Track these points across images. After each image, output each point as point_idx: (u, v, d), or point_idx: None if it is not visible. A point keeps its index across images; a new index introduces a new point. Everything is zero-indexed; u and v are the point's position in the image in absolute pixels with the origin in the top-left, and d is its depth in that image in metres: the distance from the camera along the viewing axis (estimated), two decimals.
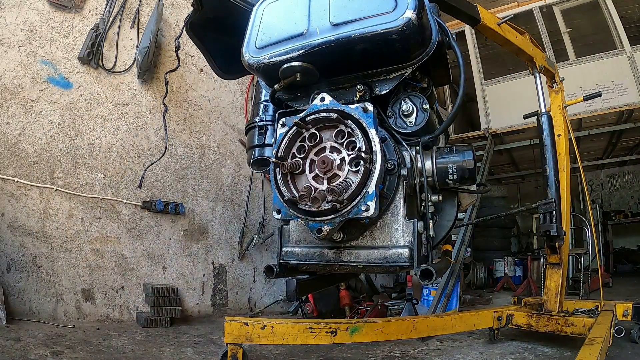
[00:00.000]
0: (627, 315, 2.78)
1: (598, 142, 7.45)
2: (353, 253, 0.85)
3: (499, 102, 6.49)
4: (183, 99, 4.39)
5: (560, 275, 2.72)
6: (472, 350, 2.79)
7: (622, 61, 5.83)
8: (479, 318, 2.80)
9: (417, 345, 2.92)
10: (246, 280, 4.69)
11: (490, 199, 8.17)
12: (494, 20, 2.18)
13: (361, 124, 0.77)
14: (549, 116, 2.64)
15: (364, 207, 0.73)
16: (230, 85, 4.83)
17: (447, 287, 3.96)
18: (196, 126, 4.49)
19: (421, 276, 0.78)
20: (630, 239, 9.13)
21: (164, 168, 4.09)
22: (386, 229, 0.83)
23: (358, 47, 0.80)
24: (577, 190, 7.44)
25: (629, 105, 5.69)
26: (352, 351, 2.76)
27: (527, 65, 2.79)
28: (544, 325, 2.59)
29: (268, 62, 0.87)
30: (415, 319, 2.61)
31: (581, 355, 1.72)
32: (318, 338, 2.24)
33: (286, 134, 0.81)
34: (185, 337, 3.13)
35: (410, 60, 0.84)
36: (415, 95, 0.91)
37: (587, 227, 5.60)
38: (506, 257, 7.19)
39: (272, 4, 0.93)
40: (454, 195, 1.01)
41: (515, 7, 6.48)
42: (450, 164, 0.86)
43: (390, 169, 0.81)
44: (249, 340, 2.16)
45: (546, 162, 2.54)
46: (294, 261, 0.90)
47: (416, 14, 0.76)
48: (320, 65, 0.85)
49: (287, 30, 0.87)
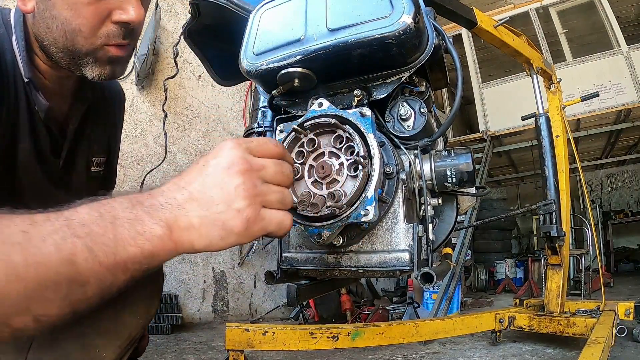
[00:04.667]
0: (629, 315, 2.78)
1: (597, 142, 7.47)
2: (353, 258, 0.85)
3: (497, 104, 6.50)
4: (182, 106, 4.40)
5: (561, 276, 2.72)
6: (474, 352, 2.78)
7: (619, 61, 5.86)
8: (480, 320, 2.79)
9: (419, 349, 2.92)
10: (247, 286, 4.68)
11: (490, 201, 8.17)
12: (490, 23, 2.19)
13: (359, 128, 0.77)
14: (547, 117, 2.65)
15: (363, 212, 0.73)
16: (229, 92, 4.84)
17: (448, 290, 3.95)
18: (195, 132, 4.49)
19: (422, 280, 0.78)
20: (630, 238, 9.13)
21: (162, 175, 4.09)
22: (386, 233, 0.83)
23: (355, 52, 0.80)
24: (577, 190, 7.45)
25: (627, 104, 5.71)
26: (354, 356, 2.76)
27: (524, 67, 2.80)
28: (546, 326, 2.59)
29: (266, 69, 0.87)
30: (416, 323, 2.60)
31: (584, 355, 1.72)
32: (320, 343, 2.23)
33: (284, 139, 0.81)
34: (187, 344, 3.12)
35: (408, 64, 0.84)
36: (413, 99, 0.91)
37: (588, 227, 5.61)
38: (507, 259, 7.18)
39: (269, 10, 0.94)
40: (453, 198, 1.01)
41: (512, 9, 6.51)
42: (449, 167, 0.87)
43: (389, 173, 0.81)
44: (250, 346, 2.15)
45: (545, 163, 2.54)
46: (295, 267, 0.90)
47: (413, 18, 0.76)
48: (318, 71, 0.85)
49: (284, 36, 0.87)
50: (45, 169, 0.97)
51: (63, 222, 0.49)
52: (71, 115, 1.00)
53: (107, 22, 0.83)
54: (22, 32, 0.87)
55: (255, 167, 0.57)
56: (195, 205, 0.54)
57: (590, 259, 5.40)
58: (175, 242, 0.53)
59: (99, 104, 1.08)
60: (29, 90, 0.88)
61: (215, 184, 0.55)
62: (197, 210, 0.54)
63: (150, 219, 0.52)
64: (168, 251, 0.53)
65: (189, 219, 0.54)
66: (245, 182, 0.55)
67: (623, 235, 9.11)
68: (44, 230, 0.48)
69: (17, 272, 0.45)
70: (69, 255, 0.47)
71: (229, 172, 0.55)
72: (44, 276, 0.46)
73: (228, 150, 0.57)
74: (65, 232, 0.48)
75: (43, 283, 0.46)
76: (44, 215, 0.50)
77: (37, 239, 0.47)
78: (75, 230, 0.49)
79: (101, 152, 1.14)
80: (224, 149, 0.57)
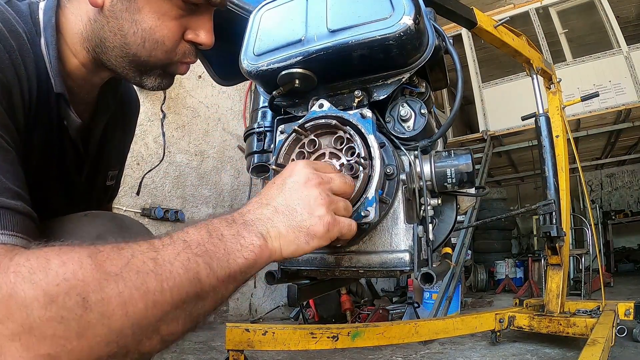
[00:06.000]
0: (629, 315, 2.78)
1: (597, 142, 7.47)
2: (353, 258, 0.85)
3: (497, 104, 6.51)
4: (182, 106, 4.40)
5: (561, 276, 2.72)
6: (474, 353, 2.78)
7: (619, 61, 5.86)
8: (480, 320, 2.79)
9: (419, 349, 2.92)
10: (247, 286, 4.66)
11: (490, 201, 8.17)
12: (490, 23, 2.19)
13: (360, 129, 0.77)
14: (547, 117, 2.65)
15: (363, 213, 0.73)
16: (229, 92, 4.84)
17: (448, 290, 3.96)
18: (195, 133, 4.49)
19: (422, 280, 0.78)
20: (630, 238, 9.13)
21: (162, 175, 4.09)
22: (386, 234, 0.83)
23: (355, 53, 0.80)
24: (577, 190, 7.45)
25: (627, 104, 5.71)
26: (354, 356, 2.76)
27: (524, 67, 2.80)
28: (546, 326, 2.59)
29: (266, 69, 0.87)
30: (416, 323, 2.60)
31: (584, 355, 1.72)
32: (320, 343, 2.24)
33: (285, 140, 0.81)
34: (187, 344, 3.12)
35: (408, 65, 0.84)
36: (413, 99, 0.91)
37: (588, 227, 5.61)
38: (507, 259, 7.18)
39: (270, 11, 0.94)
40: (453, 199, 1.01)
41: (512, 9, 6.51)
42: (449, 168, 0.87)
43: (389, 174, 0.81)
44: (250, 346, 2.16)
45: (545, 163, 2.54)
46: (295, 267, 0.90)
47: (413, 19, 0.76)
48: (319, 72, 0.85)
49: (284, 37, 0.87)
50: (68, 190, 0.92)
51: (182, 244, 0.53)
52: (93, 126, 0.93)
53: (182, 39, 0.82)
54: (53, 37, 0.76)
55: (325, 180, 0.66)
56: (281, 217, 0.62)
57: (590, 259, 5.40)
58: (270, 250, 0.61)
59: (118, 112, 1.02)
60: (60, 103, 0.80)
61: (296, 198, 0.64)
62: (283, 221, 0.62)
63: (248, 233, 0.59)
64: (265, 259, 0.61)
65: (278, 230, 0.62)
66: (321, 193, 0.64)
67: (623, 235, 9.10)
68: (168, 254, 0.51)
69: (155, 298, 0.48)
70: (195, 274, 0.52)
71: (306, 186, 0.64)
72: (178, 298, 0.50)
73: (301, 168, 0.66)
74: (187, 253, 0.52)
75: (176, 304, 0.50)
76: (158, 241, 0.53)
77: (167, 264, 0.50)
78: (194, 250, 0.53)
79: (116, 164, 1.09)
80: (298, 168, 0.67)
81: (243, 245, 0.58)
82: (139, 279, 0.47)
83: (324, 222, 0.63)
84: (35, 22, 0.76)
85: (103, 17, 0.76)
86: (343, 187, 0.69)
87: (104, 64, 0.81)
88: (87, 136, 0.92)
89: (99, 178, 1.02)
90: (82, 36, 0.79)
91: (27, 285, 0.43)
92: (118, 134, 1.06)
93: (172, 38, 0.80)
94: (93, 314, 0.44)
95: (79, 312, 0.44)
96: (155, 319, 0.49)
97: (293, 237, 0.62)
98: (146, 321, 0.48)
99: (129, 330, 0.47)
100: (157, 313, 0.48)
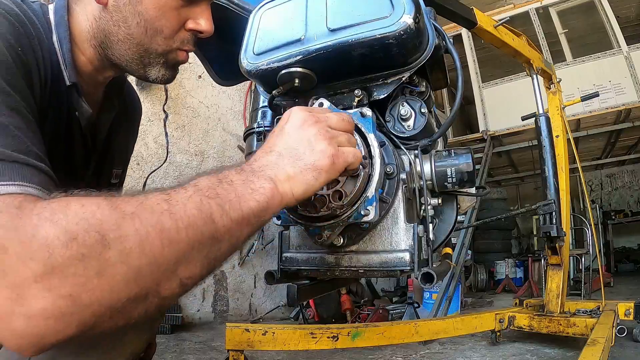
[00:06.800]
0: (629, 315, 2.78)
1: (597, 142, 7.48)
2: (353, 258, 0.85)
3: (497, 104, 6.51)
4: (182, 106, 4.40)
5: (561, 276, 2.72)
6: (474, 353, 2.78)
7: (619, 61, 5.86)
8: (480, 320, 2.79)
9: (419, 349, 2.92)
10: (247, 286, 4.67)
11: (490, 201, 8.17)
12: (490, 23, 2.19)
13: (360, 128, 0.77)
14: (547, 117, 2.65)
15: (363, 212, 0.73)
16: (229, 92, 4.84)
17: (448, 290, 3.95)
18: (195, 133, 4.49)
19: (422, 280, 0.78)
20: (630, 238, 9.14)
21: (163, 175, 4.09)
22: (386, 233, 0.83)
23: (355, 52, 0.80)
24: (577, 190, 7.45)
25: (627, 104, 5.71)
26: (354, 356, 2.76)
27: (524, 67, 2.80)
28: (546, 326, 2.59)
29: (266, 68, 0.87)
30: (416, 323, 2.60)
31: (584, 355, 1.72)
32: (320, 343, 2.23)
33: None
34: (187, 344, 3.12)
35: (408, 64, 0.84)
36: (413, 99, 0.91)
37: (588, 227, 5.60)
38: (507, 259, 7.18)
39: (270, 10, 0.94)
40: (453, 198, 1.01)
41: (512, 9, 6.51)
42: (449, 167, 0.87)
43: (390, 173, 0.81)
44: (250, 346, 2.15)
45: (545, 163, 2.54)
46: (295, 267, 0.90)
47: (413, 18, 0.76)
48: (318, 71, 0.85)
49: (284, 36, 0.87)
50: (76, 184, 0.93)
51: (194, 189, 0.55)
52: (99, 124, 0.98)
53: (182, 28, 0.87)
54: (66, 32, 0.82)
55: (322, 118, 0.68)
56: (286, 160, 0.64)
57: (590, 259, 5.40)
58: (281, 194, 0.62)
59: (122, 113, 1.06)
60: (70, 95, 0.85)
61: (296, 139, 0.65)
62: (289, 163, 0.64)
63: (257, 179, 0.61)
64: (277, 203, 0.62)
65: (285, 172, 0.63)
66: (319, 129, 0.66)
67: (623, 235, 9.11)
68: (181, 197, 0.53)
69: (171, 236, 0.49)
70: (209, 214, 0.53)
71: (303, 127, 0.66)
72: (193, 237, 0.51)
73: (296, 112, 0.68)
74: (200, 196, 0.54)
75: (191, 244, 0.51)
76: (169, 188, 0.55)
77: (180, 205, 0.52)
78: (206, 193, 0.55)
79: (120, 163, 1.13)
80: (293, 113, 0.68)
81: (254, 189, 0.59)
82: (154, 217, 0.49)
83: (327, 154, 0.64)
84: (48, 20, 0.82)
85: (107, 13, 0.82)
86: (340, 124, 0.70)
87: (109, 59, 0.87)
88: (94, 132, 0.97)
89: (104, 174, 1.06)
90: (88, 34, 0.85)
91: (48, 224, 0.45)
92: (122, 135, 1.10)
93: (171, 27, 0.85)
94: (112, 251, 0.46)
95: (98, 250, 0.45)
96: (173, 258, 0.50)
97: (301, 176, 0.63)
98: (164, 260, 0.49)
99: (147, 269, 0.48)
100: (174, 252, 0.50)
